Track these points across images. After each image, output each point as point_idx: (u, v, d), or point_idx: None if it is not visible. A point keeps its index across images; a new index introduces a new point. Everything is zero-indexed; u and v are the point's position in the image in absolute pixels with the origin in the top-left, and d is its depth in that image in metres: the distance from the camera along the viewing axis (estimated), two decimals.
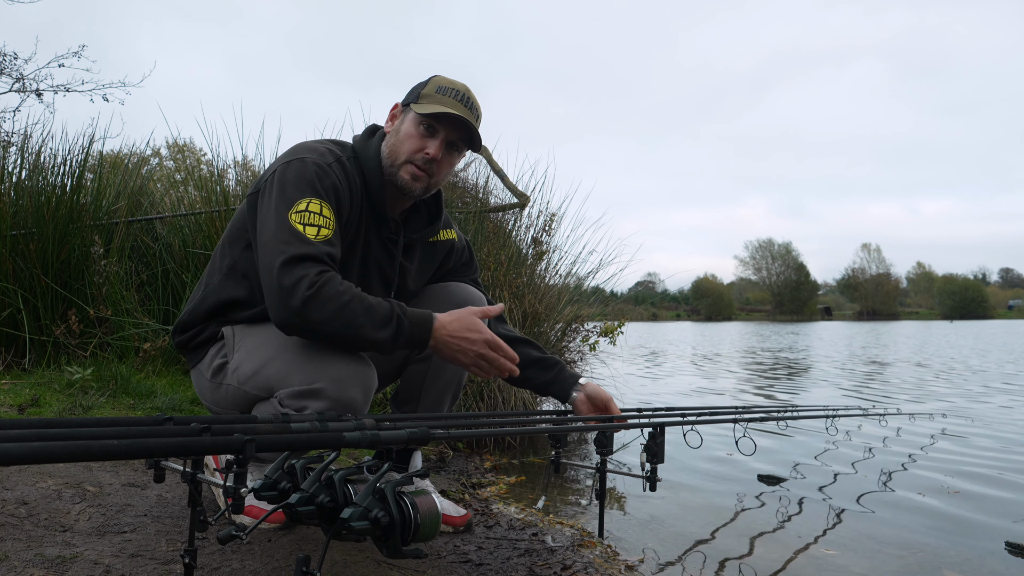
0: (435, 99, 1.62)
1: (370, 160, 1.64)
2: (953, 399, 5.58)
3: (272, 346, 1.55)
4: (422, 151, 1.61)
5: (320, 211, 1.50)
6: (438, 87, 1.63)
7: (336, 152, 1.62)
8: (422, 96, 1.63)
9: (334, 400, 1.47)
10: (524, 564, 1.61)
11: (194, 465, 1.06)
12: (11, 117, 7.45)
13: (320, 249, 1.47)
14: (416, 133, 1.62)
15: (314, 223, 1.49)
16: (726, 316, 75.60)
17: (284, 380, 1.51)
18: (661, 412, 2.06)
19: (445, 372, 1.80)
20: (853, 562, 1.85)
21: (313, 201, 1.51)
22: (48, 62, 7.78)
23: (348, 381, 1.48)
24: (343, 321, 1.42)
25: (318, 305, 1.41)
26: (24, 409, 2.44)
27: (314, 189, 1.52)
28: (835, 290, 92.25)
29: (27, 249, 3.22)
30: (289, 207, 1.49)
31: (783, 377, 7.64)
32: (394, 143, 1.64)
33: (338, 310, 1.42)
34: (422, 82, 1.67)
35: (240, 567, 1.36)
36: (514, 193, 4.07)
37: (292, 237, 1.46)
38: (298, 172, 1.53)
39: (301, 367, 1.50)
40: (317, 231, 1.48)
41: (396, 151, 1.63)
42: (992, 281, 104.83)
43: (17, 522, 1.46)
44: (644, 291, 72.16)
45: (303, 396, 1.48)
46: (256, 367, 1.56)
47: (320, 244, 1.47)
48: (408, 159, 1.62)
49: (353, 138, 1.73)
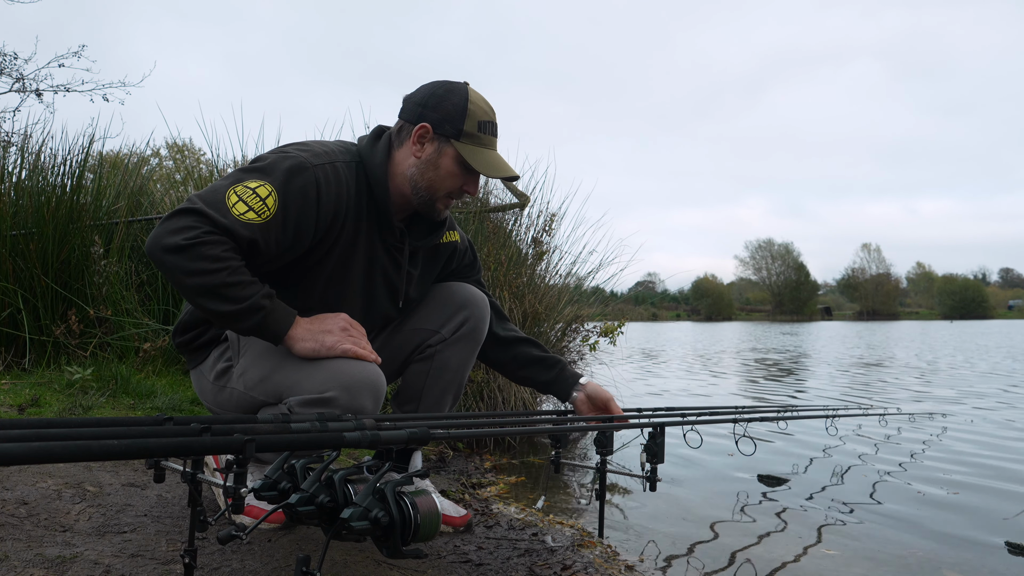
0: (480, 142, 1.59)
1: (376, 167, 1.59)
2: (953, 399, 5.58)
3: (280, 351, 1.54)
4: (462, 188, 1.62)
5: (264, 199, 1.42)
6: (479, 123, 1.58)
7: (335, 154, 1.57)
8: (465, 135, 1.57)
9: (345, 408, 1.46)
10: (524, 564, 1.61)
11: (194, 465, 1.06)
12: (11, 117, 7.47)
13: (233, 224, 1.37)
14: (458, 172, 1.59)
15: (249, 203, 1.40)
16: (726, 316, 75.59)
17: (294, 387, 1.50)
18: (661, 412, 2.06)
19: (447, 372, 1.78)
20: (853, 562, 1.85)
21: (266, 187, 1.43)
22: (48, 62, 7.80)
23: (359, 389, 1.47)
24: (203, 283, 1.35)
25: (188, 256, 1.34)
26: (24, 409, 2.44)
27: (275, 180, 1.45)
28: (835, 290, 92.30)
29: (27, 249, 3.22)
30: (238, 182, 1.43)
31: (783, 377, 7.64)
32: (432, 177, 1.59)
33: (205, 272, 1.35)
34: (456, 106, 1.57)
35: (240, 567, 1.36)
36: (514, 193, 4.07)
37: (214, 200, 1.39)
38: (273, 161, 1.49)
39: (311, 374, 1.48)
40: (246, 210, 1.40)
41: (435, 185, 1.59)
42: (992, 281, 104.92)
43: (17, 522, 1.46)
44: (644, 291, 72.15)
45: (315, 404, 1.47)
46: (264, 373, 1.55)
47: (236, 220, 1.38)
48: (447, 194, 1.62)
49: (359, 139, 1.68)
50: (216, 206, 1.39)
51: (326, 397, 1.46)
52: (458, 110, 1.57)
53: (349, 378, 1.47)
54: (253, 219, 1.41)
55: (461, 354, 1.79)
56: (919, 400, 5.54)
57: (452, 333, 1.77)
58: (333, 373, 1.48)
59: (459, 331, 1.77)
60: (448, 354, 1.78)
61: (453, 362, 1.78)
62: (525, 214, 3.99)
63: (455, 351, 1.78)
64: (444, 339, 1.77)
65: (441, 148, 1.58)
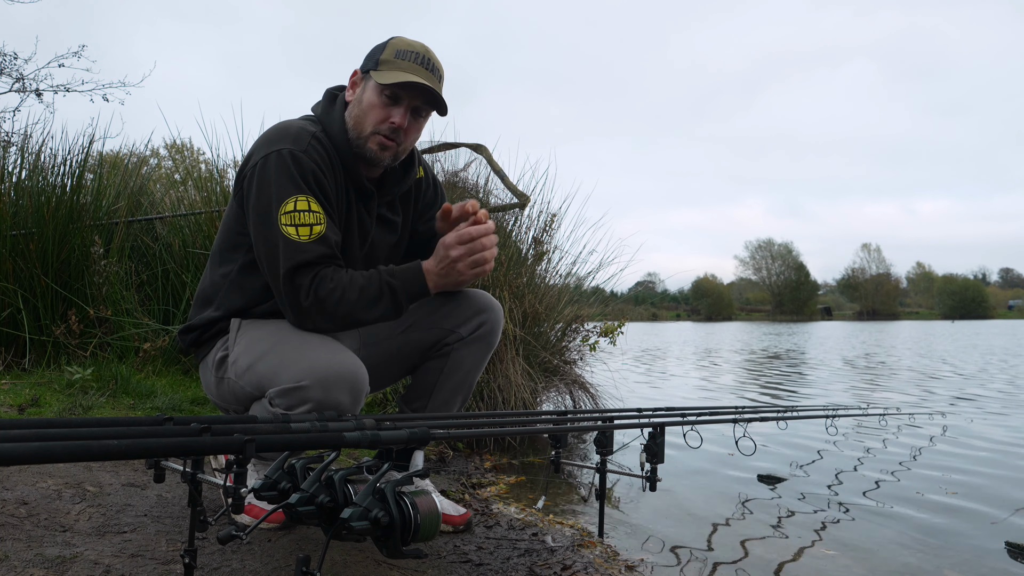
0: (395, 65, 1.58)
1: (337, 133, 1.61)
2: (953, 399, 5.58)
3: (269, 341, 1.55)
4: (387, 120, 1.59)
5: (308, 207, 1.51)
6: (396, 51, 1.59)
7: (310, 128, 1.60)
8: (381, 63, 1.59)
9: (318, 402, 1.46)
10: (524, 564, 1.61)
11: (194, 465, 1.06)
12: (11, 117, 7.46)
13: (313, 251, 1.50)
14: (379, 103, 1.58)
15: (304, 222, 1.50)
16: (726, 316, 75.58)
17: (274, 378, 1.51)
18: (661, 412, 2.06)
19: (459, 371, 1.81)
20: (853, 562, 1.85)
21: (300, 199, 1.51)
22: (48, 62, 7.79)
23: (335, 384, 1.47)
24: (342, 315, 1.53)
25: (318, 309, 1.51)
26: (24, 409, 2.44)
27: (296, 185, 1.51)
28: (835, 290, 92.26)
29: (27, 249, 3.22)
30: (277, 210, 1.50)
31: (783, 377, 7.64)
32: (357, 113, 1.61)
33: (334, 307, 1.51)
34: (379, 45, 1.63)
35: (240, 567, 1.36)
36: (514, 193, 4.07)
37: (286, 246, 1.49)
38: (277, 167, 1.52)
39: (291, 365, 1.49)
40: (310, 230, 1.50)
41: (361, 122, 1.60)
42: (992, 281, 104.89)
43: (17, 522, 1.45)
44: (644, 291, 72.18)
45: (289, 394, 1.47)
46: (251, 361, 1.56)
47: (312, 244, 1.50)
48: (374, 130, 1.59)
49: (313, 108, 1.69)
50: (289, 253, 1.49)
51: (300, 386, 1.46)
52: (379, 47, 1.63)
53: (326, 371, 1.47)
54: (320, 232, 1.51)
55: (475, 355, 1.82)
56: (919, 400, 5.54)
57: (470, 333, 1.81)
58: (311, 364, 1.47)
59: (476, 332, 1.81)
60: (464, 353, 1.81)
61: (467, 362, 1.82)
62: (525, 214, 3.99)
63: (470, 351, 1.81)
64: (461, 338, 1.80)
65: (365, 84, 1.62)
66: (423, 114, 1.64)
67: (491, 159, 4.25)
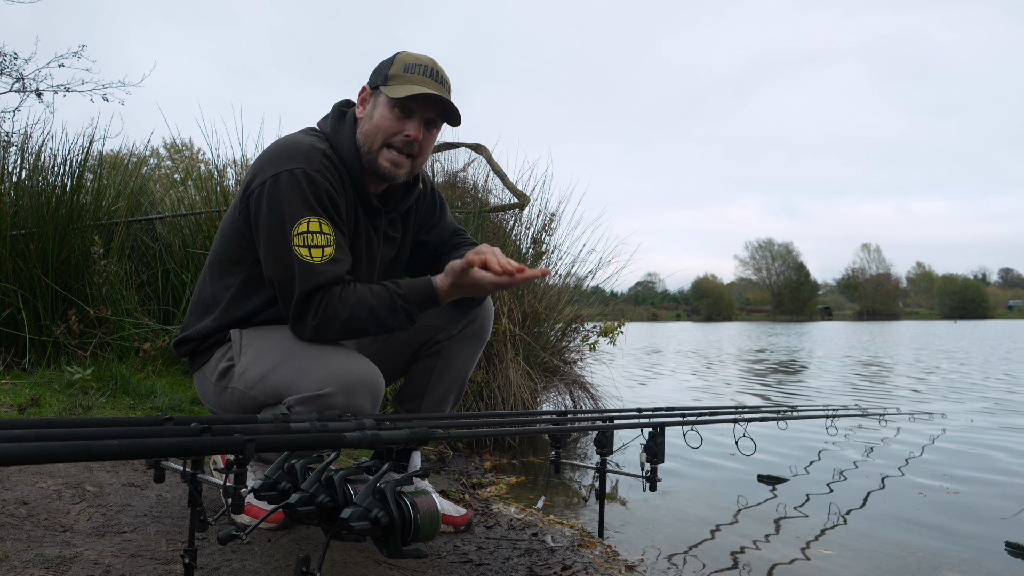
0: (405, 79, 1.58)
1: (347, 150, 1.61)
2: (953, 399, 5.58)
3: (280, 350, 1.55)
4: (401, 133, 1.59)
5: (320, 229, 1.52)
6: (405, 65, 1.60)
7: (320, 146, 1.59)
8: (391, 77, 1.59)
9: (343, 407, 1.47)
10: (524, 564, 1.61)
11: (194, 465, 1.06)
12: (11, 117, 7.45)
13: (325, 273, 1.51)
14: (392, 116, 1.58)
15: (317, 243, 1.51)
16: (726, 316, 75.56)
17: (293, 386, 1.51)
18: (661, 412, 2.06)
19: (451, 369, 1.81)
20: (853, 562, 1.85)
21: (312, 220, 1.52)
22: (48, 62, 7.77)
23: (357, 388, 1.49)
24: (353, 330, 1.54)
25: (327, 328, 1.53)
26: (24, 409, 2.44)
27: (309, 206, 1.52)
28: (835, 290, 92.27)
29: (27, 249, 3.22)
30: (289, 231, 1.51)
31: (783, 377, 7.64)
32: (368, 129, 1.61)
33: (345, 324, 1.53)
34: (386, 61, 1.64)
35: (240, 567, 1.36)
36: (514, 193, 4.07)
37: (301, 267, 1.51)
38: (289, 186, 1.52)
39: (310, 373, 1.50)
40: (321, 252, 1.51)
41: (372, 137, 1.60)
42: (992, 281, 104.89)
43: (17, 522, 1.45)
44: (644, 291, 72.03)
45: (313, 402, 1.48)
46: (264, 372, 1.56)
47: (323, 266, 1.51)
48: (386, 143, 1.59)
49: (319, 123, 1.69)
50: (304, 275, 1.50)
51: (324, 394, 1.47)
52: (386, 63, 1.63)
53: (347, 377, 1.49)
54: (330, 254, 1.52)
55: (466, 352, 1.82)
56: (919, 400, 5.54)
57: (460, 331, 1.81)
58: (332, 372, 1.49)
59: (466, 329, 1.81)
60: (454, 350, 1.81)
61: (459, 359, 1.81)
62: (525, 214, 3.99)
63: (461, 348, 1.81)
64: (451, 335, 1.80)
65: (375, 100, 1.62)
66: (436, 126, 1.65)
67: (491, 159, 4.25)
